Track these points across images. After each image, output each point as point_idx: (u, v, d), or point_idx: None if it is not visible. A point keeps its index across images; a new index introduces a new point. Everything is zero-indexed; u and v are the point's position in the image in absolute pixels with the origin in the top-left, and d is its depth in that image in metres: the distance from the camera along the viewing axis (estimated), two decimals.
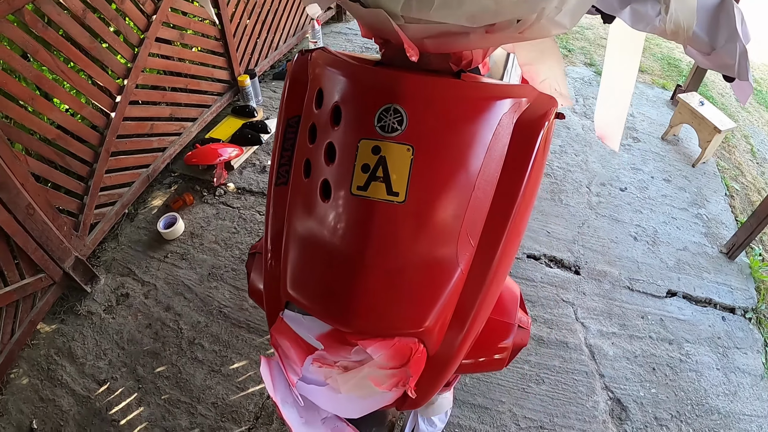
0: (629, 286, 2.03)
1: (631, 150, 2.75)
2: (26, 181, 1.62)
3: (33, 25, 1.50)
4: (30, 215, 1.66)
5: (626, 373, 1.74)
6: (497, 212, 0.66)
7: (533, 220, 2.25)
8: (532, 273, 2.05)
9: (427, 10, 0.54)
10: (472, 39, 0.60)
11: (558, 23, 0.57)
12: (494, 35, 0.60)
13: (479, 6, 0.53)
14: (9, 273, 1.68)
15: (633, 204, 2.41)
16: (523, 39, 0.62)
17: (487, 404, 1.63)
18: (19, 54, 1.53)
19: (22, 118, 1.60)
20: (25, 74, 1.55)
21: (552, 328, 1.85)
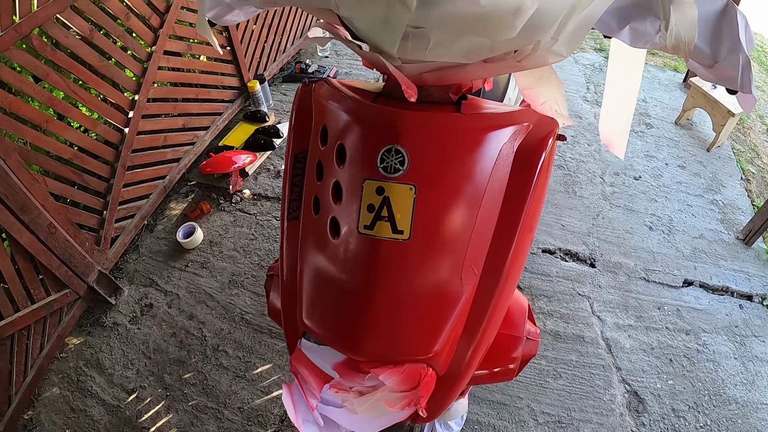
0: (645, 277, 2.03)
1: (644, 137, 2.72)
2: (46, 201, 1.67)
3: (41, 49, 1.54)
4: (52, 234, 1.71)
5: (643, 365, 1.75)
6: (500, 240, 0.68)
7: (547, 213, 2.26)
8: (548, 268, 2.06)
9: (423, 51, 0.55)
10: (470, 70, 0.61)
11: (555, 53, 0.58)
12: (492, 65, 0.61)
13: (474, 43, 0.54)
14: (35, 291, 1.74)
15: (647, 193, 2.39)
16: (522, 68, 0.63)
17: (505, 400, 1.65)
18: (29, 78, 1.57)
19: (38, 140, 1.64)
20: (38, 97, 1.59)
21: (568, 322, 1.87)
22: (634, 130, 2.74)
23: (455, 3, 0.51)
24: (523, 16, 0.51)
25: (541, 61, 0.60)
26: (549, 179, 0.77)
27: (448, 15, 0.51)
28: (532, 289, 1.97)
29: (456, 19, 0.52)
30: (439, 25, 0.52)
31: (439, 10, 0.51)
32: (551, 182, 2.34)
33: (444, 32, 0.53)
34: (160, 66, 2.04)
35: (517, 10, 0.50)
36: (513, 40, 0.54)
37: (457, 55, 0.56)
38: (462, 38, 0.54)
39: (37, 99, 1.60)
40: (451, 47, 0.55)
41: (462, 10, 0.51)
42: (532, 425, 1.60)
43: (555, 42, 0.56)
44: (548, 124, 0.74)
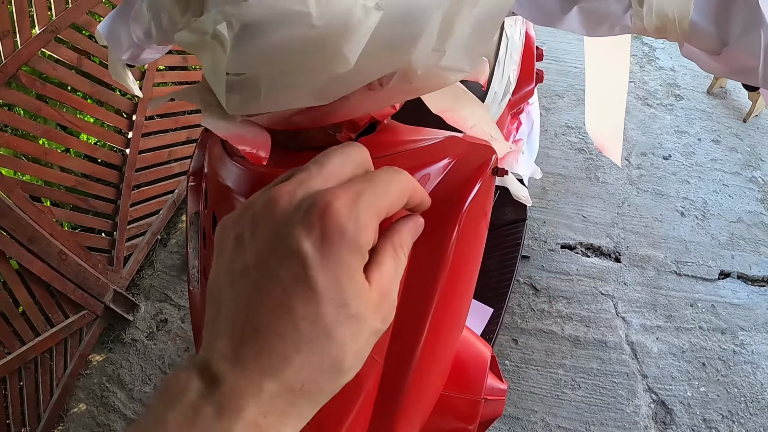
0: (676, 270, 1.88)
1: (673, 110, 2.49)
2: (54, 229, 1.70)
3: (31, 85, 1.55)
4: (63, 260, 1.75)
5: (672, 371, 1.62)
6: (406, 317, 0.55)
7: (567, 204, 2.12)
8: (567, 265, 1.93)
9: (256, 101, 0.42)
10: (353, 102, 0.47)
11: (450, 68, 0.43)
12: (380, 93, 0.46)
13: (322, 80, 0.40)
14: (53, 315, 1.79)
15: (678, 173, 2.20)
16: (421, 92, 0.48)
17: (518, 414, 1.58)
18: (23, 114, 1.59)
19: (39, 173, 1.67)
20: (34, 132, 1.61)
21: (589, 326, 1.76)
22: (662, 103, 2.52)
23: (281, 29, 0.38)
24: (356, 38, 0.37)
25: (439, 81, 0.45)
26: (485, 226, 0.63)
27: (273, 49, 0.38)
28: (549, 290, 1.86)
29: (285, 54, 0.39)
30: (263, 65, 0.39)
31: (260, 43, 0.38)
32: (571, 169, 2.20)
33: (275, 74, 0.40)
34: (155, 83, 2.03)
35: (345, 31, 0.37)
36: (372, 66, 0.41)
37: (305, 98, 0.43)
38: (301, 77, 0.40)
39: (33, 133, 1.61)
40: (293, 91, 0.42)
41: (291, 36, 0.38)
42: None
43: (441, 56, 0.41)
44: (481, 154, 0.58)
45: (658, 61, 2.73)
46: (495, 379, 0.82)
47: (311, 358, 0.27)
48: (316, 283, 0.27)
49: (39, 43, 1.52)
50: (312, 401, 0.29)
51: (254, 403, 0.26)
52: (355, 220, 0.28)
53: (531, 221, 2.04)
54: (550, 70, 2.54)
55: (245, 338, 0.27)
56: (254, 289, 0.28)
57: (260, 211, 0.30)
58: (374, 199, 0.30)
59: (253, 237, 0.30)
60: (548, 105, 2.49)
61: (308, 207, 0.29)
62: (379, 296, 0.31)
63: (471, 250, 0.61)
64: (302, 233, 0.28)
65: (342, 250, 0.28)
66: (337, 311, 0.28)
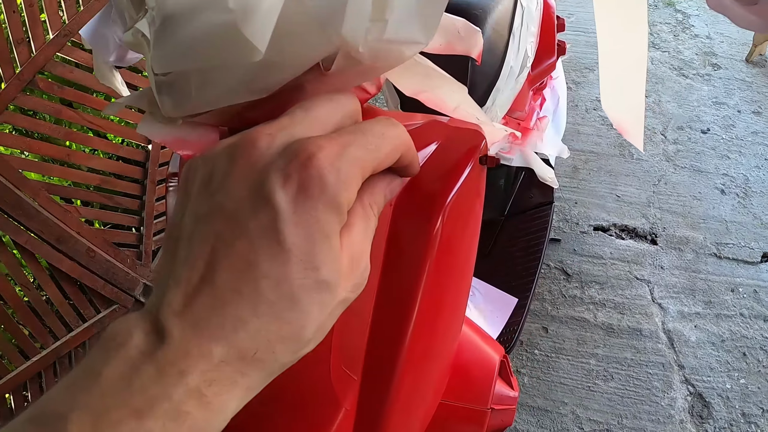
0: (716, 252, 1.78)
1: (711, 80, 2.33)
2: (81, 228, 1.74)
3: (49, 89, 1.56)
4: (92, 258, 1.78)
5: (711, 361, 1.55)
6: (383, 324, 0.49)
7: (600, 183, 2.02)
8: (600, 248, 1.86)
9: (188, 102, 0.38)
10: (309, 91, 0.39)
11: (398, 40, 0.35)
12: (334, 78, 0.38)
13: (248, 71, 0.35)
14: (85, 311, 1.85)
15: (718, 148, 2.07)
16: (378, 72, 0.41)
17: (547, 406, 1.54)
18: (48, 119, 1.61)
19: (65, 174, 1.70)
20: (56, 135, 1.63)
21: (623, 313, 1.69)
22: (699, 73, 2.36)
23: (199, 18, 0.34)
24: (258, 20, 0.31)
25: (390, 57, 0.37)
26: (476, 220, 0.57)
27: (193, 41, 0.34)
28: (581, 275, 1.79)
29: (205, 46, 0.34)
30: (187, 61, 0.35)
31: (180, 37, 0.34)
32: (603, 146, 2.10)
33: (201, 70, 0.36)
34: None
35: (244, 13, 0.31)
36: (305, 47, 0.34)
37: (240, 93, 0.37)
38: (228, 70, 0.35)
39: (56, 136, 1.64)
40: (224, 86, 0.36)
41: (209, 25, 0.33)
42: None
43: (384, 25, 0.33)
44: (467, 140, 0.50)
45: (692, 29, 2.55)
46: (504, 386, 0.77)
47: (269, 324, 0.24)
48: (285, 238, 0.24)
49: (54, 48, 1.52)
50: (264, 372, 0.25)
51: (199, 368, 0.23)
52: (336, 174, 0.25)
53: (561, 202, 1.96)
54: (578, 42, 2.41)
55: (200, 291, 0.24)
56: (217, 237, 0.25)
57: (235, 153, 0.27)
58: (362, 153, 0.27)
59: (224, 179, 0.26)
60: (577, 79, 2.37)
61: (289, 155, 0.26)
62: (350, 261, 0.27)
63: (459, 245, 0.54)
64: (278, 182, 0.25)
65: (319, 205, 0.25)
66: (305, 274, 0.25)
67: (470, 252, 0.60)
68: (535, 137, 1.53)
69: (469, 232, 0.56)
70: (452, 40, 0.54)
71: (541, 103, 1.65)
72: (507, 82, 1.19)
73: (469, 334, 0.79)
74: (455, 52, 0.55)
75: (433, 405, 0.66)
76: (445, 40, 0.54)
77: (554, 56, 1.43)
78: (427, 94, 0.53)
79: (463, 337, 0.77)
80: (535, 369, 1.61)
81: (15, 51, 1.43)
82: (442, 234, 0.47)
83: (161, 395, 0.22)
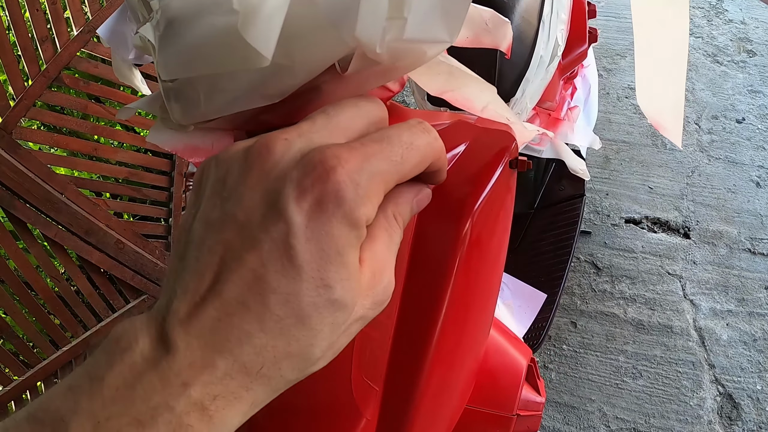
0: (750, 248, 1.72)
1: (746, 68, 2.22)
2: (109, 221, 1.77)
3: (75, 85, 1.58)
4: (120, 249, 1.81)
5: (742, 361, 1.50)
6: (405, 340, 0.47)
7: (632, 174, 1.96)
8: (632, 242, 1.81)
9: (197, 109, 0.36)
10: (326, 93, 0.38)
11: (420, 39, 0.32)
12: (355, 78, 0.36)
13: (257, 76, 0.32)
14: (114, 301, 1.88)
15: (753, 139, 1.98)
16: (400, 72, 0.38)
17: (574, 402, 1.52)
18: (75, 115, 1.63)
19: (92, 168, 1.73)
20: (82, 130, 1.65)
21: (654, 309, 1.64)
22: (733, 60, 2.25)
23: (203, 21, 0.32)
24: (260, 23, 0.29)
25: (412, 57, 0.34)
26: (506, 223, 0.54)
27: (198, 46, 0.32)
28: (612, 269, 1.75)
29: (211, 50, 0.33)
30: (193, 67, 0.34)
31: (184, 41, 0.32)
32: (635, 136, 2.03)
33: (209, 76, 0.34)
34: None
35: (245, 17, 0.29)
36: (318, 47, 0.32)
37: (251, 99, 0.35)
38: (236, 76, 0.33)
39: (82, 131, 1.66)
40: (234, 92, 0.34)
41: (214, 28, 0.32)
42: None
43: (403, 24, 0.30)
44: (496, 142, 0.47)
45: (726, 14, 2.44)
46: (531, 391, 0.75)
47: (276, 340, 0.23)
48: (297, 254, 0.23)
49: (78, 44, 1.54)
50: (269, 387, 0.25)
51: (203, 380, 0.22)
52: (355, 189, 0.24)
53: (593, 193, 1.91)
54: (609, 28, 2.33)
55: (207, 302, 0.23)
56: (227, 247, 0.24)
57: (249, 158, 0.26)
58: (386, 165, 0.26)
59: (236, 185, 0.25)
60: (609, 66, 2.30)
61: (305, 165, 0.24)
62: (371, 277, 0.26)
63: (487, 252, 0.52)
64: (292, 195, 0.24)
65: (334, 221, 0.24)
66: (317, 292, 0.24)
67: (498, 258, 0.58)
68: (566, 128, 1.49)
69: (497, 238, 0.54)
70: (479, 32, 0.51)
71: (572, 92, 1.60)
72: (537, 72, 1.15)
73: (496, 337, 0.77)
74: (483, 45, 0.52)
75: (457, 411, 0.65)
76: (472, 33, 0.51)
77: (585, 44, 1.38)
78: (453, 94, 0.50)
79: (490, 341, 0.76)
80: (562, 365, 1.59)
81: (40, 48, 1.45)
82: (469, 241, 0.45)
83: (163, 406, 0.22)
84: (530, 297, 1.41)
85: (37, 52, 1.46)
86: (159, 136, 0.44)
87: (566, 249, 1.53)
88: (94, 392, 0.22)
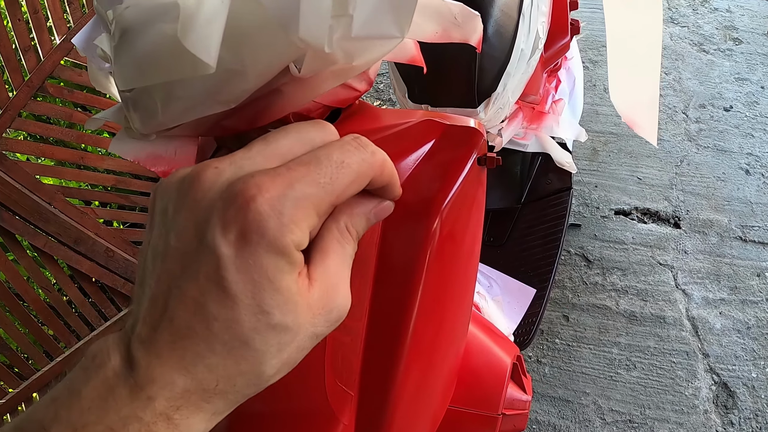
0: (741, 235, 1.72)
1: (732, 56, 2.22)
2: (98, 229, 1.76)
3: (59, 94, 1.57)
4: (110, 257, 1.81)
5: (736, 349, 1.50)
6: (378, 337, 0.47)
7: (620, 165, 1.96)
8: (622, 233, 1.80)
9: (155, 118, 0.35)
10: (288, 95, 0.37)
11: (370, 36, 0.31)
12: (313, 78, 0.36)
13: (215, 82, 0.32)
14: (106, 310, 1.88)
15: (741, 126, 1.98)
16: (358, 70, 0.37)
17: (568, 396, 1.52)
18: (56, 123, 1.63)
19: (79, 177, 1.72)
20: (69, 139, 1.65)
21: (646, 300, 1.64)
22: (719, 48, 2.25)
23: (153, 30, 0.31)
24: (197, 30, 0.28)
25: (369, 55, 0.33)
26: (477, 221, 0.53)
27: (150, 55, 0.32)
28: (602, 261, 1.75)
29: (162, 59, 0.32)
30: (147, 76, 0.33)
31: (137, 50, 0.32)
32: (623, 127, 2.03)
33: (164, 85, 0.33)
34: None
35: (183, 25, 0.28)
36: (263, 51, 0.31)
37: (209, 105, 0.34)
38: (189, 84, 0.33)
39: (68, 140, 1.65)
40: (191, 100, 0.33)
41: (163, 37, 0.31)
42: (598, 425, 1.46)
43: (350, 22, 0.29)
44: (464, 139, 0.45)
45: (712, 2, 2.44)
46: (517, 389, 0.75)
47: (226, 360, 0.25)
48: (230, 285, 0.24)
49: (61, 53, 1.54)
50: (228, 401, 0.26)
51: (164, 395, 0.24)
52: (278, 218, 0.24)
53: (581, 186, 1.91)
54: (594, 20, 2.32)
55: (160, 327, 0.25)
56: (170, 277, 0.25)
57: (183, 188, 0.26)
58: (313, 189, 0.26)
59: (174, 215, 0.26)
60: (595, 57, 2.30)
61: (227, 197, 0.25)
62: (323, 295, 0.27)
63: (458, 252, 0.52)
64: (217, 228, 0.24)
65: (260, 251, 0.24)
66: (256, 318, 0.25)
67: (472, 255, 0.57)
68: (550, 121, 1.48)
69: (469, 234, 0.53)
70: (448, 27, 0.51)
71: (557, 85, 1.60)
72: (518, 66, 1.14)
73: (479, 336, 0.77)
74: (452, 40, 0.51)
75: (440, 413, 0.65)
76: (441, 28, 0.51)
77: (568, 36, 1.37)
78: None
79: (473, 341, 0.75)
80: (556, 359, 1.59)
81: (23, 58, 1.45)
82: (439, 238, 0.44)
83: (132, 416, 0.24)
84: (519, 292, 1.41)
85: (21, 62, 1.46)
86: (121, 146, 0.43)
87: (555, 243, 1.52)
88: (73, 403, 0.24)
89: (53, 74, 1.54)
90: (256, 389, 0.27)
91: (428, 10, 0.48)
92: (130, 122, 0.38)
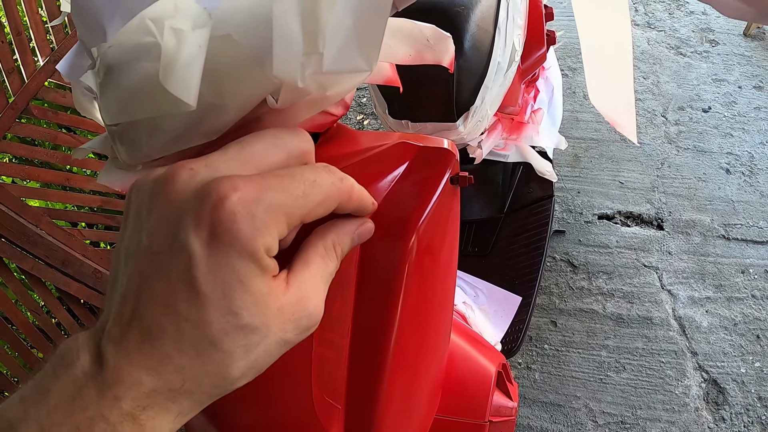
0: (724, 234, 1.75)
1: (709, 57, 2.27)
2: (85, 250, 1.75)
3: (44, 116, 1.57)
4: (98, 278, 1.80)
5: (724, 346, 1.52)
6: (360, 358, 0.48)
7: (602, 170, 1.99)
8: (606, 237, 1.83)
9: (140, 151, 0.37)
10: (268, 123, 0.39)
11: (340, 71, 0.32)
12: (292, 108, 0.37)
13: (197, 115, 0.33)
14: None
15: (720, 127, 2.02)
16: (332, 100, 0.37)
17: (559, 401, 1.53)
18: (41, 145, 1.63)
19: (65, 198, 1.71)
20: (54, 160, 1.65)
21: (633, 302, 1.66)
22: (696, 51, 2.30)
23: (135, 68, 0.33)
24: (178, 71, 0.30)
25: (340, 87, 0.34)
26: (453, 238, 0.55)
27: (133, 92, 0.34)
28: (588, 266, 1.77)
29: (145, 95, 0.34)
30: (131, 111, 0.35)
31: (120, 87, 0.34)
32: (603, 132, 2.07)
33: (149, 120, 0.35)
34: None
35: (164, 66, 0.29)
36: (237, 91, 0.33)
37: (192, 138, 0.35)
38: (172, 119, 0.34)
39: (53, 162, 1.65)
40: (174, 133, 0.35)
41: (146, 74, 0.33)
42: (590, 428, 1.47)
43: (320, 58, 0.30)
44: (437, 160, 0.47)
45: (687, 6, 2.49)
46: (503, 396, 0.76)
47: (193, 361, 0.25)
48: (200, 285, 0.24)
49: (45, 75, 1.54)
50: (194, 401, 0.26)
51: (131, 395, 0.24)
52: (250, 220, 0.25)
53: (564, 192, 1.94)
54: (572, 27, 2.33)
55: (131, 326, 0.25)
56: (141, 276, 0.26)
57: (157, 188, 0.27)
58: (286, 199, 0.26)
59: (148, 215, 0.27)
60: (573, 65, 2.34)
61: (202, 196, 0.25)
62: (295, 302, 0.27)
63: (435, 268, 0.53)
64: (191, 226, 0.25)
65: (231, 252, 0.25)
66: (225, 319, 0.25)
67: (449, 269, 0.59)
68: (530, 131, 1.51)
69: (446, 249, 0.55)
70: (421, 49, 0.53)
71: (535, 95, 1.63)
72: (495, 79, 1.17)
73: (462, 345, 0.78)
74: (426, 61, 0.53)
75: (426, 422, 0.66)
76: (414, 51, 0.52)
77: (544, 47, 1.40)
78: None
79: (457, 350, 0.77)
80: (545, 364, 1.60)
81: (7, 80, 1.45)
82: (417, 254, 0.46)
83: (98, 416, 0.24)
84: (505, 301, 1.42)
85: (4, 84, 1.46)
86: (109, 177, 0.45)
87: (539, 250, 1.54)
88: (41, 402, 0.24)
89: (37, 96, 1.54)
90: (222, 391, 0.27)
91: (401, 33, 0.50)
92: (117, 154, 0.40)
